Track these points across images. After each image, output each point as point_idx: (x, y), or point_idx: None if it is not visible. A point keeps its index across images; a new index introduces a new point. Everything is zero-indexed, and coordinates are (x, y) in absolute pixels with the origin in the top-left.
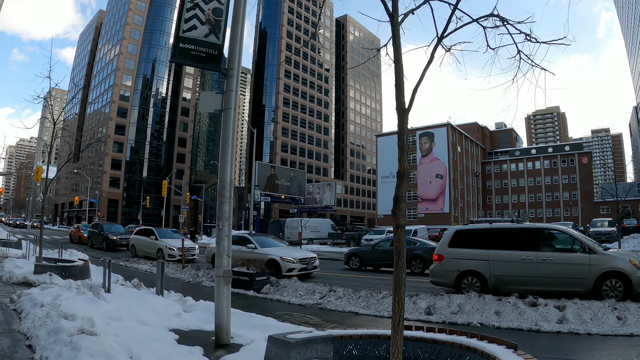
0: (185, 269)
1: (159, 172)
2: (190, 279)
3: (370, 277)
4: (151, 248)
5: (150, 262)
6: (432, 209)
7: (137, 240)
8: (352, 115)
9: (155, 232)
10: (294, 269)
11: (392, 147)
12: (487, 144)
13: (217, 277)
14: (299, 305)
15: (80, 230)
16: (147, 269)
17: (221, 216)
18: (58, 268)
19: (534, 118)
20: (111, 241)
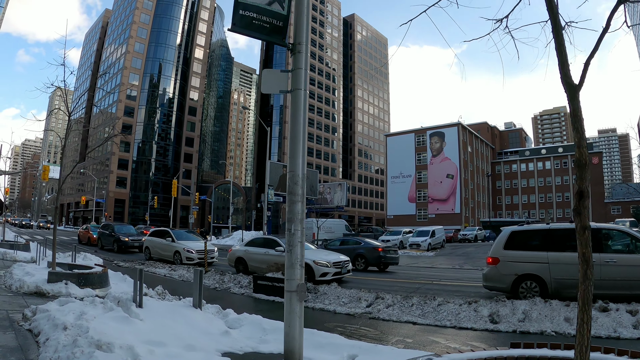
0: (209, 274)
1: (166, 172)
2: (217, 285)
3: (401, 280)
4: (167, 250)
5: (168, 265)
6: (443, 210)
7: (151, 242)
8: (359, 115)
9: (171, 233)
10: (327, 274)
11: (401, 147)
12: (496, 144)
13: (288, 292)
14: (346, 315)
15: (90, 231)
16: (165, 273)
17: (293, 218)
18: (74, 276)
19: (540, 118)
20: (123, 243)
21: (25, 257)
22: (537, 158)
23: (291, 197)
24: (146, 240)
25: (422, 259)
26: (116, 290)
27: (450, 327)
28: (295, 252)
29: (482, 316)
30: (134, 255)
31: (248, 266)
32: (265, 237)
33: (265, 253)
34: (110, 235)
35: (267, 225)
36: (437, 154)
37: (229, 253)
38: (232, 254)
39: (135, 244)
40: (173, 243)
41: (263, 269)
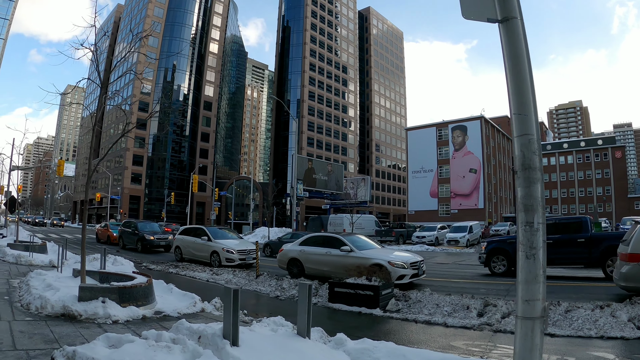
0: (261, 279)
1: (182, 167)
2: (277, 293)
3: (475, 281)
4: (202, 251)
5: (207, 268)
6: (466, 205)
7: (183, 242)
8: (376, 109)
9: (207, 231)
10: (404, 276)
11: (422, 141)
12: None
13: (525, 318)
14: (461, 327)
15: (109, 229)
16: (208, 278)
17: (533, 206)
18: (114, 291)
19: (556, 112)
20: (148, 242)
21: (43, 261)
22: (558, 152)
23: (528, 174)
24: (176, 239)
25: (464, 255)
26: (165, 306)
27: (596, 337)
28: (538, 259)
29: (622, 322)
30: (160, 255)
31: (305, 269)
32: (326, 235)
33: (327, 253)
34: (133, 234)
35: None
36: (460, 148)
37: (280, 253)
38: (283, 254)
39: (162, 243)
40: (210, 242)
41: (324, 272)
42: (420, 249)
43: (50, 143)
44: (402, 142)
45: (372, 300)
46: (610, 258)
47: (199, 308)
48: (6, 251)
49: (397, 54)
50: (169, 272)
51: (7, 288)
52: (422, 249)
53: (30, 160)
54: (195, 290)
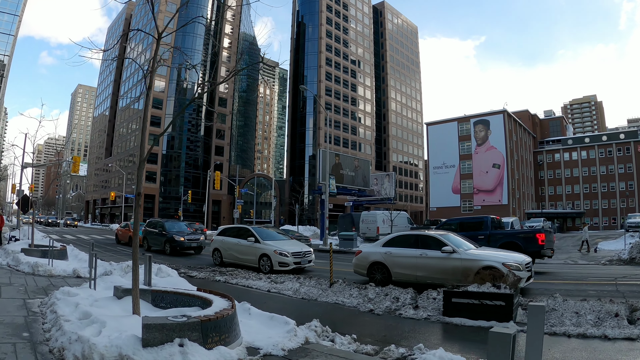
0: (337, 287)
1: (197, 165)
2: (369, 306)
3: (570, 281)
4: (248, 254)
5: (256, 273)
6: (489, 201)
7: (224, 244)
8: (393, 105)
9: (253, 232)
10: (521, 280)
11: (444, 136)
12: (537, 133)
13: None
14: (625, 339)
15: (131, 229)
16: (268, 287)
17: None
18: (193, 327)
19: (570, 107)
20: (177, 243)
21: (65, 271)
22: (580, 147)
23: None
24: (215, 241)
25: (583, 253)
26: (254, 336)
27: None
28: None
29: None
30: (192, 258)
31: (392, 274)
32: (419, 234)
33: (422, 255)
34: (160, 234)
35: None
36: (482, 143)
37: (358, 257)
38: (363, 257)
39: (193, 245)
40: (257, 244)
41: (418, 277)
42: None
43: (61, 143)
44: (418, 138)
45: (504, 311)
46: None
47: (301, 338)
48: (20, 258)
49: (412, 48)
50: (216, 280)
51: (24, 315)
52: None
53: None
54: (260, 305)
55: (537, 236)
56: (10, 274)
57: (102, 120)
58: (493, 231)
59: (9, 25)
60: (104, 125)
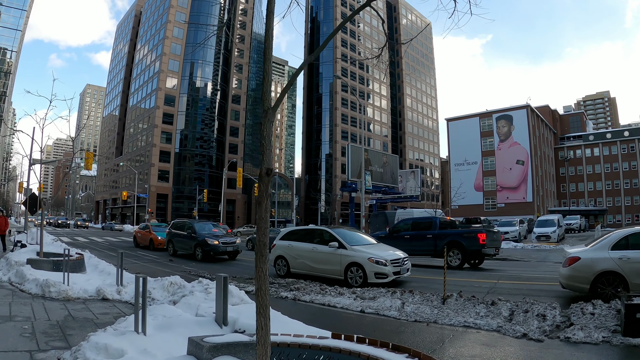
0: (452, 303)
1: (211, 164)
2: (521, 329)
3: None
4: (330, 263)
5: (347, 289)
6: (513, 198)
7: (292, 250)
8: (408, 101)
9: (335, 234)
10: None
11: (465, 132)
12: (557, 129)
13: None
14: None
15: (152, 231)
16: (360, 306)
17: None
18: None
19: (584, 103)
20: (211, 248)
21: (87, 291)
22: (602, 143)
23: None
24: (277, 247)
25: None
26: None
27: None
28: None
29: None
30: (229, 265)
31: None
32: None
33: None
34: (189, 237)
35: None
36: (505, 139)
37: (575, 265)
38: (585, 265)
39: (228, 249)
40: (343, 251)
41: None
42: (506, 246)
43: (70, 144)
44: (433, 135)
45: None
46: (452, 250)
47: None
48: (25, 273)
49: (426, 44)
50: (281, 296)
51: None
52: (508, 246)
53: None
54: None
55: (478, 236)
56: (12, 297)
57: (111, 119)
58: (440, 231)
59: (16, 20)
60: (113, 124)
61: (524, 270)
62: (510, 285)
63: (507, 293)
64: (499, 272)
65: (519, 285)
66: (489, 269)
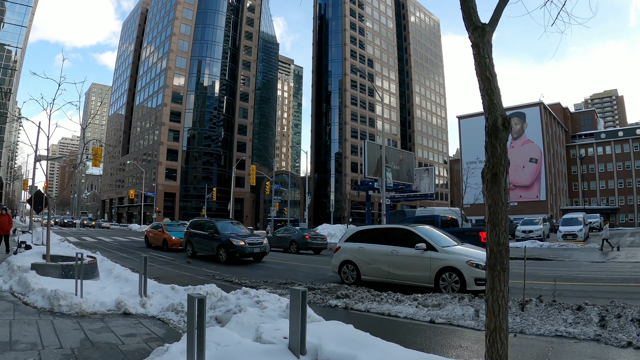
0: (531, 308)
1: (219, 162)
2: (624, 337)
3: None
4: (415, 268)
5: (406, 296)
6: (526, 197)
7: (362, 254)
8: (417, 99)
9: (421, 234)
10: None
11: (477, 130)
12: (569, 127)
13: None
14: None
15: (165, 230)
16: (428, 316)
17: None
18: None
19: (591, 102)
20: (237, 249)
21: (105, 304)
22: (614, 141)
23: None
24: (344, 250)
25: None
26: None
27: None
28: None
29: None
30: (257, 268)
31: None
32: None
33: None
34: (210, 238)
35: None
36: (518, 137)
37: None
38: None
39: (255, 250)
40: (433, 254)
41: None
42: (532, 245)
43: (75, 143)
44: (442, 133)
45: None
46: None
47: None
48: (30, 281)
49: (435, 42)
50: (330, 305)
51: None
52: (534, 246)
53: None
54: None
55: (479, 234)
56: (14, 312)
57: (117, 117)
58: (442, 229)
59: (21, 16)
60: (119, 123)
61: (567, 270)
62: (572, 287)
63: (574, 295)
64: (544, 273)
65: (579, 286)
66: (530, 270)
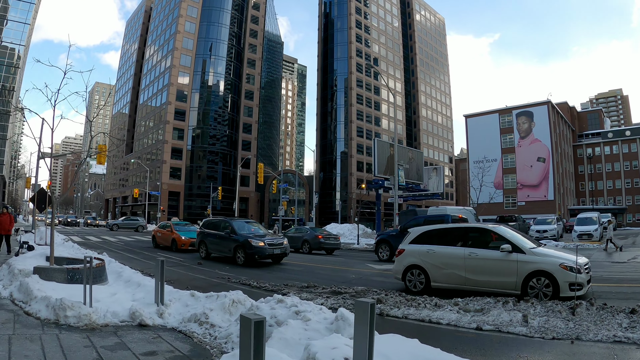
0: (582, 312)
1: (224, 161)
2: None
3: None
4: (499, 273)
5: (445, 301)
6: (534, 197)
7: (432, 256)
8: (423, 98)
9: (504, 234)
10: None
11: (484, 129)
12: (575, 126)
13: None
14: None
15: (174, 230)
16: (474, 322)
17: None
18: None
19: (596, 101)
20: (256, 250)
21: (117, 314)
22: (621, 140)
23: None
24: (410, 253)
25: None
26: None
27: None
28: None
29: None
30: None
31: None
32: None
33: None
34: (227, 238)
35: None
36: (526, 136)
37: None
38: None
39: (276, 252)
40: (520, 256)
41: None
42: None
43: (78, 142)
44: (448, 133)
45: None
46: None
47: None
48: (32, 287)
49: (440, 41)
50: (389, 315)
51: None
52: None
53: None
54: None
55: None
56: (14, 324)
57: (121, 116)
58: None
59: (24, 13)
60: (123, 122)
61: (594, 271)
62: (608, 289)
63: (615, 297)
64: None
65: (615, 288)
66: None
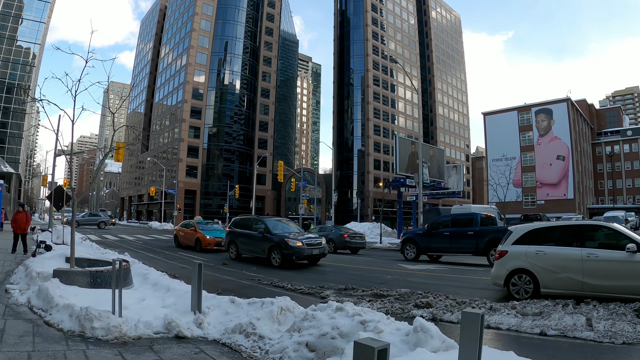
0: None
1: (240, 159)
2: None
3: None
4: (623, 276)
5: (502, 304)
6: (554, 195)
7: (543, 259)
8: (439, 96)
9: (624, 232)
10: None
11: (503, 127)
12: (594, 124)
13: None
14: None
15: (198, 229)
16: (537, 327)
17: None
18: None
19: (613, 99)
20: (294, 251)
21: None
22: None
23: None
24: (514, 255)
25: None
26: None
27: None
28: None
29: None
30: (316, 272)
31: None
32: None
33: None
34: (261, 238)
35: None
36: (545, 133)
37: None
38: None
39: (314, 252)
40: None
41: None
42: None
43: (94, 141)
44: (464, 130)
45: None
46: (494, 248)
47: None
48: (52, 293)
49: (456, 37)
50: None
51: None
52: None
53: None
54: None
55: None
56: (33, 337)
57: (136, 115)
58: (482, 228)
59: (39, 12)
60: (138, 120)
61: None
62: None
63: None
64: None
65: None
66: None
